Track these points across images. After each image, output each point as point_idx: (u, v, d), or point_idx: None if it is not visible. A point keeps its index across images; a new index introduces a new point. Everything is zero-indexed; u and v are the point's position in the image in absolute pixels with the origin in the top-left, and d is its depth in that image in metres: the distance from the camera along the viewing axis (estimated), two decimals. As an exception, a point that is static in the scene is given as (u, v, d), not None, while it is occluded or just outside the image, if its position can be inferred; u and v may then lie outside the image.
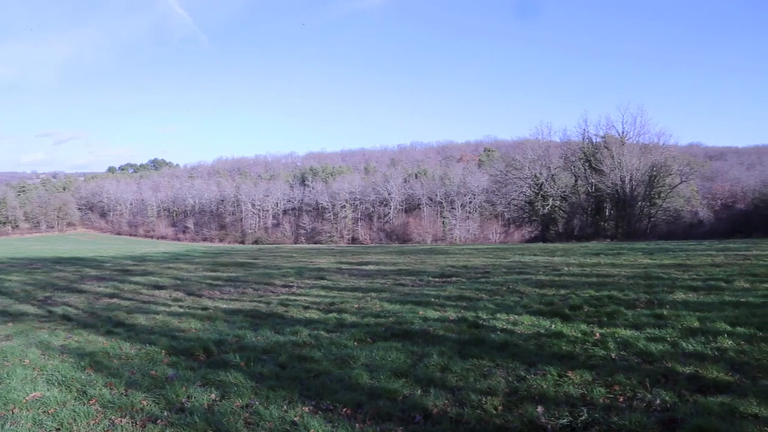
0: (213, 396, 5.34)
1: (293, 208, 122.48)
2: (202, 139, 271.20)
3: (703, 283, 10.67)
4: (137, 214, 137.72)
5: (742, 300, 8.62)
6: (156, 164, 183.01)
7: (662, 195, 53.01)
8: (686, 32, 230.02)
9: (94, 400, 5.27)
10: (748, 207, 61.10)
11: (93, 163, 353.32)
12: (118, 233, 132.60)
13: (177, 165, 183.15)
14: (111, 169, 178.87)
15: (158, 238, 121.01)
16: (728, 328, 6.73)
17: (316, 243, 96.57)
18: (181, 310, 11.28)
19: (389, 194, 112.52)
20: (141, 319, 10.19)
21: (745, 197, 76.19)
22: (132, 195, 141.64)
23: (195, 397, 5.28)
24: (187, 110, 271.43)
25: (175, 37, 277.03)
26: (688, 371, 5.26)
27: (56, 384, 5.84)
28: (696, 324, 7.08)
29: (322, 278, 15.85)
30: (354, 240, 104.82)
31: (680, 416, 4.24)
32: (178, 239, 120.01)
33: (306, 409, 4.90)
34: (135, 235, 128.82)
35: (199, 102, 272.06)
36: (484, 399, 4.86)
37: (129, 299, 13.31)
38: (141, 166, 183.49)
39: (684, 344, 6.14)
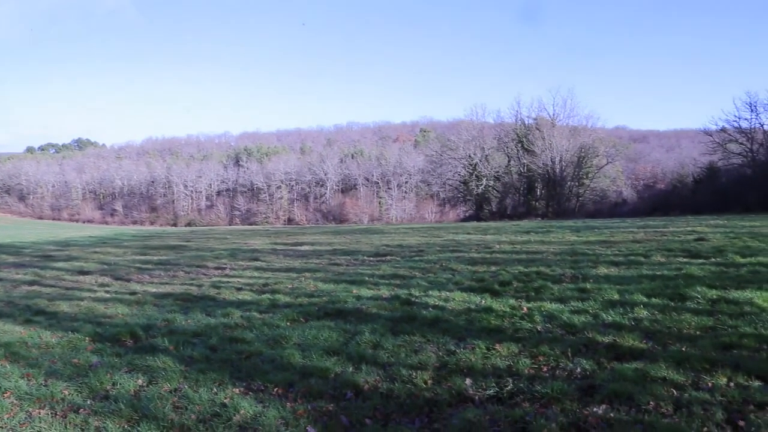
0: (140, 382, 5.21)
1: (227, 189, 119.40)
2: (131, 118, 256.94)
3: (624, 258, 11.25)
4: (60, 197, 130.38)
5: (658, 273, 9.17)
6: (80, 144, 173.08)
7: (590, 175, 55.50)
8: (617, 17, 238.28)
9: (8, 393, 5.01)
10: (667, 187, 64.31)
11: (10, 143, 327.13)
12: (40, 217, 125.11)
13: (103, 145, 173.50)
14: (30, 150, 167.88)
15: (84, 222, 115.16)
16: (644, 299, 7.14)
17: (251, 224, 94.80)
18: (108, 295, 10.85)
19: (325, 174, 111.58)
20: (64, 306, 9.73)
21: (665, 178, 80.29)
22: (54, 177, 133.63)
23: (121, 384, 5.13)
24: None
25: (101, 9, 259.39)
26: (607, 340, 5.55)
27: (-35, 378, 5.50)
28: (616, 296, 7.47)
29: (256, 259, 15.61)
30: (290, 221, 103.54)
31: (598, 382, 4.48)
32: (106, 223, 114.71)
33: (236, 390, 4.85)
34: (59, 219, 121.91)
35: (128, 79, 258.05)
36: (414, 374, 4.96)
37: (51, 286, 12.66)
38: (63, 146, 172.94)
39: (604, 315, 6.47)
